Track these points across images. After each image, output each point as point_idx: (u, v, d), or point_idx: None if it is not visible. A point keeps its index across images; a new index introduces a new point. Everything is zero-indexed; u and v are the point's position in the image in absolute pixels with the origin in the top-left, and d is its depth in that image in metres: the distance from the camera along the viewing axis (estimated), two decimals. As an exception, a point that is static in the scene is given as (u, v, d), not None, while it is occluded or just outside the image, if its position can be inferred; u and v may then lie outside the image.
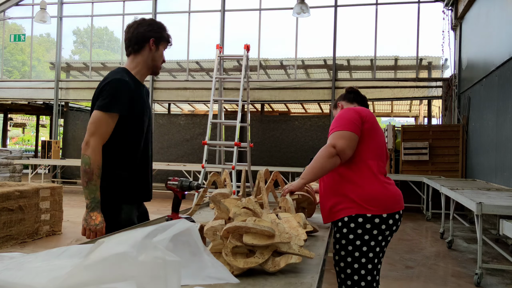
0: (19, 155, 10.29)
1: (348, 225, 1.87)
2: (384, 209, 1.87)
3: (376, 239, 1.87)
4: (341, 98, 2.30)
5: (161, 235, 0.94)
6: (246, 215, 1.29)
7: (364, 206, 1.85)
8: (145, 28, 1.99)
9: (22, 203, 4.93)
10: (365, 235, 1.86)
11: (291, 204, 1.74)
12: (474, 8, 8.05)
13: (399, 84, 10.01)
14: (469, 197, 4.08)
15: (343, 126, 1.90)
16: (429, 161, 8.47)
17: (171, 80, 12.18)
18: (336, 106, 2.31)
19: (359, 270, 1.88)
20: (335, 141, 1.87)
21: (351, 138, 1.88)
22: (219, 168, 7.82)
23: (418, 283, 3.92)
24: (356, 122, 1.92)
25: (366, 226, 1.85)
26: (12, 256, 0.99)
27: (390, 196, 1.91)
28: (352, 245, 1.88)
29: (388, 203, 1.89)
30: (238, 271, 1.18)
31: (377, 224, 1.86)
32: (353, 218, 1.86)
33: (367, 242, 1.86)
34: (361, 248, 1.87)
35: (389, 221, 1.88)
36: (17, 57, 24.08)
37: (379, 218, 1.86)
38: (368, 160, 1.92)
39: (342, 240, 1.90)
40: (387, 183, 1.95)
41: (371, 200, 1.86)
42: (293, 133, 10.95)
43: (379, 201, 1.87)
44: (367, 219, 1.85)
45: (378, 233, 1.87)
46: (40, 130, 21.80)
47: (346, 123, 1.91)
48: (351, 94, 2.27)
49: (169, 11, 11.71)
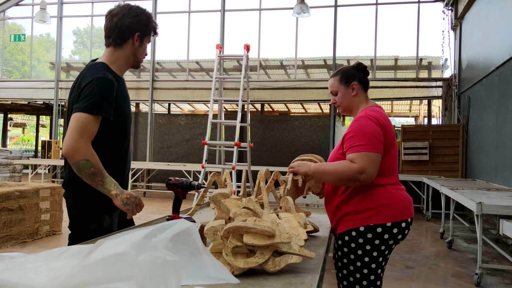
0: (19, 155, 10.29)
1: (350, 234, 1.80)
2: (390, 217, 1.75)
3: (379, 249, 1.76)
4: (356, 78, 1.93)
5: (160, 235, 0.94)
6: (246, 215, 1.30)
7: (367, 216, 1.76)
8: (131, 21, 1.79)
9: (22, 203, 4.93)
10: (367, 245, 1.75)
11: (292, 204, 1.74)
12: (474, 8, 8.05)
13: (399, 84, 10.02)
14: (469, 197, 4.08)
15: (372, 146, 1.70)
16: (429, 161, 8.47)
17: (171, 80, 12.18)
18: (349, 84, 1.92)
19: (360, 280, 1.79)
20: (366, 167, 1.67)
21: (379, 161, 1.72)
22: (219, 168, 7.83)
23: (418, 283, 3.92)
24: (381, 138, 1.74)
25: (367, 236, 1.75)
26: (12, 256, 0.99)
27: (397, 203, 1.79)
28: (355, 254, 1.79)
29: (393, 211, 1.76)
30: (238, 271, 1.18)
31: (379, 233, 1.74)
32: (356, 230, 1.78)
33: (369, 252, 1.76)
34: (363, 259, 1.77)
35: (394, 230, 1.75)
36: (17, 57, 24.07)
37: (382, 227, 1.74)
38: (381, 177, 1.78)
39: (344, 248, 1.83)
40: (396, 188, 1.83)
41: (375, 208, 1.76)
42: (293, 133, 10.95)
43: (383, 209, 1.75)
44: (368, 229, 1.75)
45: (380, 243, 1.75)
46: (40, 130, 21.81)
47: (373, 141, 1.71)
48: (366, 75, 1.97)
49: (169, 11, 11.71)
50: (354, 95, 1.92)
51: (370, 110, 1.83)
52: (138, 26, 1.81)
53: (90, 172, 1.63)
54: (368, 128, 1.74)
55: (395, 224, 1.75)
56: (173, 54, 11.67)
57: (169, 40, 15.76)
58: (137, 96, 11.56)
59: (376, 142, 1.71)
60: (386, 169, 1.80)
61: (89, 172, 1.63)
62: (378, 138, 1.72)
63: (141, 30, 1.83)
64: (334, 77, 1.97)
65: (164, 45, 17.78)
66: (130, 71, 13.24)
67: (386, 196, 1.77)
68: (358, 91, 1.92)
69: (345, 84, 1.93)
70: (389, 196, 1.78)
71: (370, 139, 1.71)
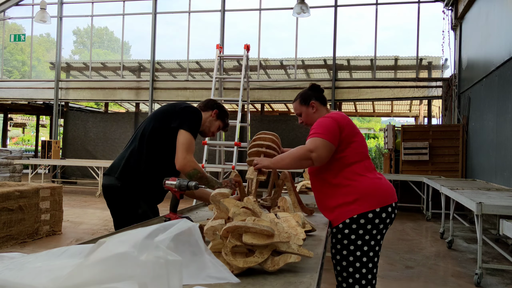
0: (19, 155, 10.30)
1: (347, 225, 1.95)
2: (377, 203, 1.94)
3: (371, 233, 1.94)
4: (313, 97, 2.23)
5: (162, 235, 0.95)
6: (245, 215, 1.30)
7: (359, 205, 1.93)
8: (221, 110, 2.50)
9: (22, 203, 4.93)
10: (359, 230, 1.93)
11: (290, 203, 1.74)
12: (474, 8, 8.05)
13: (399, 84, 10.01)
14: (469, 197, 4.08)
15: (324, 135, 1.96)
16: (429, 161, 8.47)
17: (171, 80, 12.18)
18: (308, 104, 2.22)
19: (360, 268, 1.95)
20: (315, 148, 1.94)
21: (330, 148, 1.96)
22: (219, 168, 7.82)
23: (418, 283, 3.92)
24: (336, 132, 1.99)
25: (360, 222, 1.92)
26: (12, 256, 1.00)
27: (382, 190, 1.99)
28: (351, 241, 1.95)
29: (379, 197, 1.96)
30: (237, 270, 1.19)
31: (371, 218, 1.92)
32: (351, 219, 1.95)
33: (362, 236, 1.93)
34: (356, 243, 1.94)
35: (382, 214, 1.95)
36: (17, 57, 24.09)
37: (372, 213, 1.93)
38: (355, 163, 2.01)
39: (344, 241, 1.97)
40: (378, 178, 2.03)
41: (363, 197, 1.94)
42: (293, 133, 10.95)
43: (371, 196, 1.94)
44: (361, 215, 1.93)
45: (372, 227, 1.93)
46: (40, 130, 21.80)
47: (327, 132, 1.97)
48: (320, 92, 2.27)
49: (169, 11, 11.71)
50: (315, 111, 2.21)
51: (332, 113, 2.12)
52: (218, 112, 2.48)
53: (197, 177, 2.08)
54: (324, 123, 2.02)
55: (382, 209, 1.95)
56: (173, 54, 11.70)
57: (169, 40, 15.76)
58: (137, 96, 11.56)
59: (329, 132, 1.97)
60: (356, 153, 2.03)
61: (196, 177, 2.07)
62: (331, 130, 1.98)
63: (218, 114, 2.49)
64: (295, 101, 2.28)
65: (164, 45, 17.77)
66: (130, 71, 13.23)
67: (371, 185, 1.97)
68: (317, 107, 2.21)
69: (305, 105, 2.23)
70: (374, 184, 1.98)
71: (324, 129, 1.98)
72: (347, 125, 2.04)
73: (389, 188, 2.03)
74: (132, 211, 2.19)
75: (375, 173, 2.06)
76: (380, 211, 1.94)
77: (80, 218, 6.69)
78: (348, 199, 1.95)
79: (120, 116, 12.58)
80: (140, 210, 2.19)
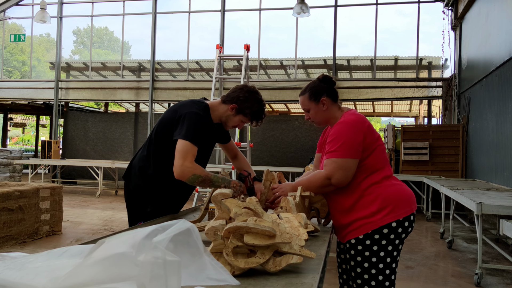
0: (19, 155, 10.29)
1: (371, 237, 1.81)
2: (402, 212, 1.80)
3: (393, 243, 1.80)
4: (324, 92, 1.94)
5: (161, 235, 0.94)
6: (247, 215, 1.29)
7: (384, 215, 1.78)
8: (245, 103, 2.17)
9: (22, 203, 4.93)
10: (382, 240, 1.79)
11: (292, 204, 1.74)
12: (474, 8, 8.05)
13: (399, 84, 10.01)
14: (469, 197, 4.08)
15: (343, 152, 1.78)
16: (429, 161, 8.47)
17: (171, 80, 12.18)
18: (319, 100, 1.94)
19: (376, 276, 1.83)
20: (331, 174, 1.79)
21: (350, 166, 1.79)
22: (219, 168, 7.81)
23: (418, 283, 3.92)
24: (359, 144, 1.80)
25: (383, 231, 1.78)
26: (13, 256, 0.99)
27: (406, 198, 1.84)
28: (373, 253, 1.81)
29: (404, 206, 1.82)
30: (239, 271, 1.18)
31: (394, 228, 1.79)
32: (369, 234, 1.80)
33: (385, 247, 1.80)
34: (378, 254, 1.80)
35: (405, 223, 1.81)
36: (17, 57, 24.09)
37: (396, 222, 1.79)
38: (377, 171, 1.85)
39: (365, 252, 1.83)
40: (399, 184, 1.89)
41: (388, 206, 1.79)
42: (293, 133, 10.95)
43: (395, 206, 1.80)
44: (386, 226, 1.79)
45: (395, 237, 1.80)
46: (40, 130, 21.80)
47: (346, 146, 1.78)
48: (333, 85, 1.99)
49: (169, 11, 11.71)
50: (326, 109, 1.95)
51: (349, 114, 1.89)
52: (243, 104, 2.17)
53: (199, 181, 2.00)
54: (345, 134, 1.80)
55: (406, 218, 1.81)
56: (173, 54, 11.69)
57: (169, 40, 15.77)
58: (137, 96, 11.56)
59: (349, 147, 1.78)
60: (378, 162, 1.86)
61: (199, 182, 2.00)
62: (352, 143, 1.79)
63: (240, 107, 2.18)
64: (303, 95, 1.99)
65: (164, 45, 17.78)
66: (130, 71, 13.22)
67: (395, 193, 1.83)
68: (328, 105, 1.94)
69: (315, 101, 1.94)
70: (397, 192, 1.84)
71: (345, 145, 1.78)
72: (368, 130, 1.84)
73: (411, 195, 1.89)
74: (141, 212, 2.28)
75: (395, 178, 1.91)
76: (403, 220, 1.80)
77: (80, 218, 6.69)
78: (371, 209, 1.79)
79: (120, 116, 12.58)
80: (149, 209, 2.28)
